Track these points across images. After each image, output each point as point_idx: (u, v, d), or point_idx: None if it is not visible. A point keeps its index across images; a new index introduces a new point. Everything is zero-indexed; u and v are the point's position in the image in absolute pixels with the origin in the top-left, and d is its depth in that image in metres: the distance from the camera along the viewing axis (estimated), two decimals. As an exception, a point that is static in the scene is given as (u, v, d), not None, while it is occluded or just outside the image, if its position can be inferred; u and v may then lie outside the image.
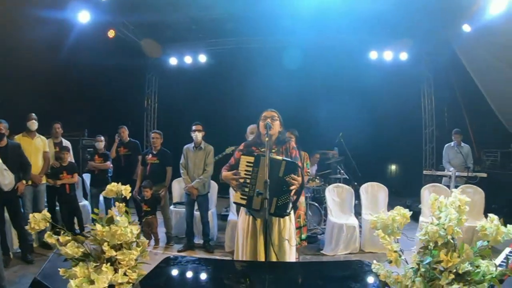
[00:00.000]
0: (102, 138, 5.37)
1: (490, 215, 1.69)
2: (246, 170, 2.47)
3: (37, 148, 4.48)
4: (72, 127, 5.47)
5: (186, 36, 7.81)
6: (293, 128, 4.24)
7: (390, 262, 1.80)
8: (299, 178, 2.36)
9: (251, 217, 2.52)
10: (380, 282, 1.68)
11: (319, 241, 5.21)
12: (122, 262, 1.81)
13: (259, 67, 8.17)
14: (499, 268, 1.64)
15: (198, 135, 4.83)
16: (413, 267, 1.75)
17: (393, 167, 9.47)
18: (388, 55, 7.73)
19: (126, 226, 1.76)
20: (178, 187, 5.66)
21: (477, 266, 1.62)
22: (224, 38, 7.95)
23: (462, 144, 5.79)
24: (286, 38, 7.64)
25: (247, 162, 2.47)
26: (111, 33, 5.91)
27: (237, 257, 2.60)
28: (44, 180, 4.54)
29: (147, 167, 5.05)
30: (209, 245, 4.87)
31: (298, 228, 4.07)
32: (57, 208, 4.72)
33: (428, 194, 4.84)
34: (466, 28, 5.52)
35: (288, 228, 2.53)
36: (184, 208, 5.08)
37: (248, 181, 2.44)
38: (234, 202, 2.54)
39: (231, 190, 5.59)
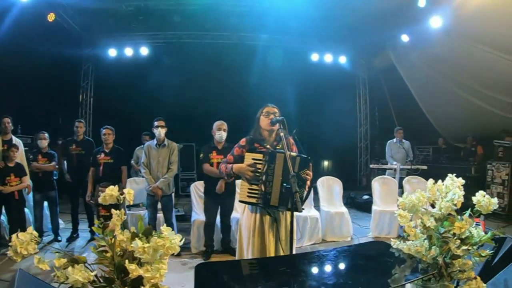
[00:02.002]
0: (46, 135, 4.68)
1: (481, 191, 2.05)
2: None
3: None
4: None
5: (128, 26, 7.27)
6: None
7: (408, 236, 2.04)
8: (311, 174, 2.42)
9: (257, 214, 2.45)
10: (403, 254, 1.90)
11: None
12: (152, 280, 1.46)
13: (203, 63, 7.98)
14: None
15: (161, 131, 4.52)
16: (425, 239, 2.02)
17: (331, 162, 10.19)
18: (328, 58, 8.36)
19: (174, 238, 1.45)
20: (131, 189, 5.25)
21: (470, 232, 1.97)
22: (168, 31, 7.63)
23: (403, 140, 6.41)
24: (233, 35, 7.67)
25: (254, 159, 2.40)
26: (51, 17, 5.17)
27: (242, 256, 2.52)
28: None
29: (99, 168, 4.56)
30: (174, 248, 4.63)
31: None
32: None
33: (378, 185, 5.38)
34: (405, 38, 6.29)
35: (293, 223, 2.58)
36: (140, 211, 4.73)
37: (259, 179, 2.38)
38: (240, 201, 2.44)
39: (192, 189, 5.41)
